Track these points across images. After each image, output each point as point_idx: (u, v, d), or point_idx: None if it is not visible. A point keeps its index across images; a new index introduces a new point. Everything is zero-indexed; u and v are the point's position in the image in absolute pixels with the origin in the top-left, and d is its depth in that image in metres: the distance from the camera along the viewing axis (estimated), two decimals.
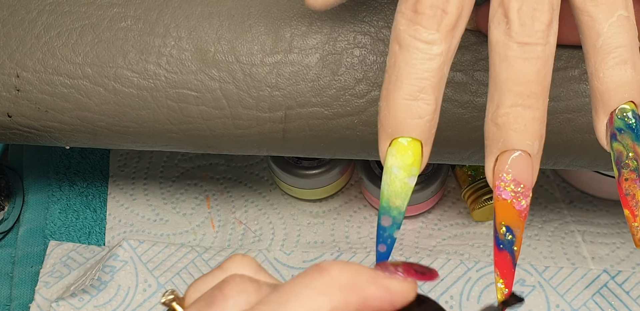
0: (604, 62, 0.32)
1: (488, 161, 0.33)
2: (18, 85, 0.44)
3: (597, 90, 0.33)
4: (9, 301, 0.59)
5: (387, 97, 0.32)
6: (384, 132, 0.33)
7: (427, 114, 0.32)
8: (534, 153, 0.32)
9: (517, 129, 0.32)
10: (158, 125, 0.44)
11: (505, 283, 0.33)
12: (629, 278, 0.55)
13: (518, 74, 0.32)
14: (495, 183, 0.33)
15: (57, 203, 0.61)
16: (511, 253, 0.33)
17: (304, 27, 0.42)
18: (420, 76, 0.32)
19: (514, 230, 0.33)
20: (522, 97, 0.32)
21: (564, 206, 0.59)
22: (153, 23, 0.43)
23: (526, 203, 0.33)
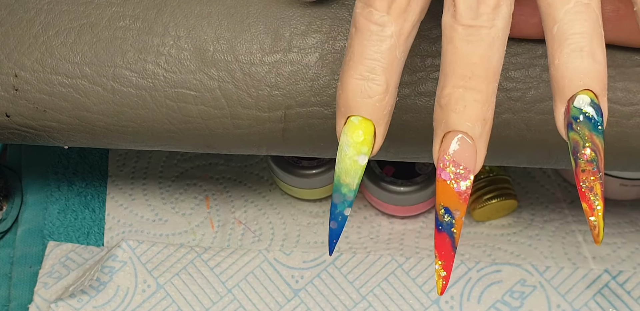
0: (559, 49, 0.32)
1: (435, 142, 0.33)
2: (16, 84, 0.44)
3: (553, 77, 0.33)
4: (7, 302, 0.58)
5: (342, 77, 0.34)
6: (338, 111, 0.34)
7: (377, 94, 0.33)
8: (475, 136, 0.32)
9: (457, 110, 0.32)
10: (157, 125, 0.44)
11: (443, 266, 0.34)
12: (630, 278, 0.55)
13: (461, 56, 0.32)
14: (437, 163, 0.33)
15: (55, 203, 0.61)
16: (450, 235, 0.33)
17: (303, 26, 0.42)
18: (371, 56, 0.33)
19: (453, 212, 0.33)
20: (463, 79, 0.32)
21: (565, 206, 0.59)
22: (152, 22, 0.43)
23: (466, 185, 0.33)
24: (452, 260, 0.34)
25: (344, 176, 0.34)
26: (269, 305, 0.56)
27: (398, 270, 0.56)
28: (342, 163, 0.34)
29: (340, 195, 0.34)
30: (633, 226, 0.58)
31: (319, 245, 0.58)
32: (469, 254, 0.57)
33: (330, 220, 0.35)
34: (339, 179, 0.34)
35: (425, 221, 0.59)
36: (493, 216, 0.58)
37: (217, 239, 0.59)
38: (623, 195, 0.57)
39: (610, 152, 0.43)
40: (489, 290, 0.55)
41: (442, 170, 0.33)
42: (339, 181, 0.34)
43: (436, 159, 0.33)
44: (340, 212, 0.35)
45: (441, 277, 0.34)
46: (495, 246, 0.57)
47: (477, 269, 0.56)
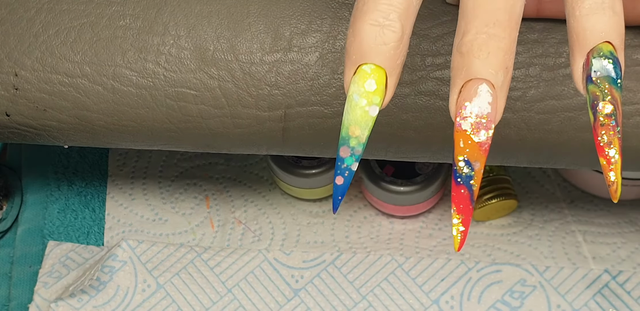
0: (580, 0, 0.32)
1: (452, 92, 0.32)
2: (16, 84, 0.44)
3: (573, 29, 0.32)
4: (7, 301, 0.58)
5: (354, 23, 0.32)
6: (349, 60, 0.33)
7: (392, 41, 0.32)
8: (498, 84, 0.31)
9: (480, 57, 0.31)
10: (157, 124, 0.44)
11: (462, 220, 0.32)
12: (630, 278, 0.55)
13: (485, 2, 0.31)
14: (456, 113, 0.32)
15: (55, 202, 0.61)
16: (469, 188, 0.32)
17: (303, 26, 0.42)
18: (387, 1, 0.32)
19: (473, 164, 0.32)
20: (487, 25, 0.31)
21: (564, 206, 0.59)
22: (152, 21, 0.43)
23: (486, 136, 0.31)
24: (471, 214, 0.32)
25: (354, 127, 0.32)
26: (269, 305, 0.56)
27: (398, 270, 0.56)
28: (351, 113, 0.32)
29: (348, 148, 0.33)
30: (633, 226, 0.58)
31: (319, 245, 0.58)
32: (469, 254, 0.57)
33: (336, 176, 0.33)
34: (347, 131, 0.33)
35: (425, 221, 0.59)
36: (493, 216, 0.58)
37: (217, 239, 0.59)
38: (623, 195, 0.57)
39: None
40: (489, 289, 0.55)
41: (462, 120, 0.31)
42: (347, 133, 0.33)
43: (454, 109, 0.32)
44: (347, 167, 0.33)
45: (460, 232, 0.32)
46: (495, 246, 0.57)
47: (477, 269, 0.56)
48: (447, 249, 0.57)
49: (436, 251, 0.57)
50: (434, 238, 0.58)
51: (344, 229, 0.59)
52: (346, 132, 0.33)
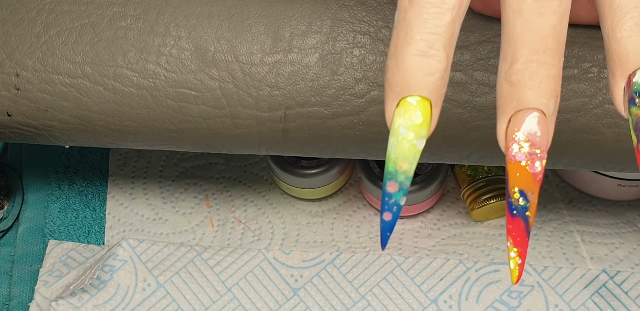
0: (621, 22, 0.31)
1: (500, 122, 0.31)
2: (18, 84, 0.44)
3: (614, 52, 0.31)
4: (8, 300, 0.59)
5: (396, 54, 0.31)
6: (392, 92, 0.31)
7: (438, 71, 0.31)
8: (549, 113, 0.31)
9: (533, 87, 0.30)
10: (158, 124, 0.44)
11: (518, 253, 0.31)
12: (627, 278, 0.55)
13: (533, 29, 0.30)
14: (508, 144, 0.31)
15: (56, 201, 0.61)
16: (525, 220, 0.31)
17: (303, 27, 0.43)
18: (432, 31, 0.30)
19: (528, 195, 0.31)
20: (537, 53, 0.30)
21: (562, 206, 0.59)
22: (153, 22, 0.43)
23: (541, 166, 0.31)
24: (527, 246, 0.31)
25: (402, 162, 0.31)
26: (268, 304, 0.56)
27: (397, 270, 0.56)
28: (399, 147, 0.31)
29: (397, 183, 0.31)
30: (631, 226, 0.58)
31: (318, 244, 0.58)
32: (467, 254, 0.57)
33: (383, 212, 0.32)
34: (394, 166, 0.31)
35: (423, 220, 0.59)
36: (492, 216, 0.58)
37: (217, 238, 0.59)
38: (621, 196, 0.58)
39: (609, 154, 0.43)
40: (487, 289, 0.55)
41: (515, 151, 0.31)
42: (395, 168, 0.31)
43: (504, 139, 0.31)
44: (395, 202, 0.32)
45: (517, 265, 0.31)
46: (493, 246, 0.57)
47: (475, 268, 0.56)
48: (446, 249, 0.57)
49: (435, 250, 0.57)
50: (432, 238, 0.58)
51: (343, 229, 0.59)
52: (393, 167, 0.31)
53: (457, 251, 0.57)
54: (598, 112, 0.41)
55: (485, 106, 0.42)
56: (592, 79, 0.41)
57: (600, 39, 0.41)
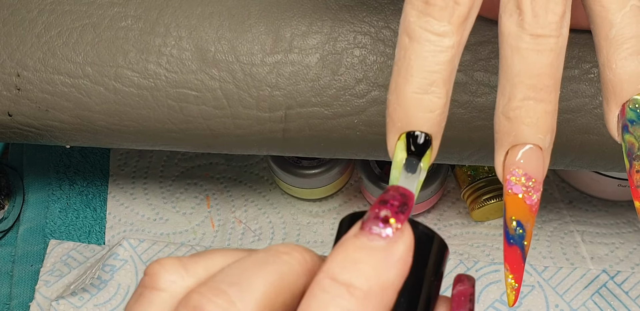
0: (616, 52, 0.32)
1: (498, 154, 0.32)
2: (18, 84, 0.44)
3: (609, 81, 0.32)
4: (8, 300, 0.59)
5: (397, 90, 0.32)
6: (394, 127, 0.32)
7: (438, 107, 0.31)
8: (545, 147, 0.32)
9: (530, 123, 0.31)
10: (158, 124, 0.44)
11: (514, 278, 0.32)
12: (628, 278, 0.55)
13: (531, 67, 0.31)
14: (506, 177, 0.32)
15: (57, 201, 0.61)
16: (521, 248, 0.32)
17: (304, 27, 0.43)
18: (432, 69, 0.31)
19: (525, 225, 0.32)
20: (534, 91, 0.31)
21: (563, 206, 0.59)
22: (153, 22, 0.43)
23: (537, 198, 0.32)
24: (522, 271, 0.33)
25: None
26: None
27: None
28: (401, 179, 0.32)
29: None
30: (631, 226, 0.58)
31: (319, 244, 0.58)
32: (467, 254, 0.57)
33: None
34: None
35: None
36: (492, 216, 0.58)
37: (217, 238, 0.59)
38: (621, 196, 0.58)
39: (610, 154, 0.43)
40: (488, 289, 0.55)
41: (513, 184, 0.32)
42: None
43: (502, 172, 0.32)
44: None
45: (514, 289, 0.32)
46: (494, 246, 0.57)
47: (475, 268, 0.56)
48: None
49: None
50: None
51: None
52: None
53: (457, 251, 0.57)
54: (598, 113, 0.41)
55: (486, 106, 0.42)
56: (593, 79, 0.41)
57: None
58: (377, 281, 0.26)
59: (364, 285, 0.26)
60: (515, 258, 0.32)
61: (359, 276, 0.26)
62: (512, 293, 0.32)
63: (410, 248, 0.27)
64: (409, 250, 0.27)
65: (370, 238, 0.27)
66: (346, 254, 0.26)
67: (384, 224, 0.27)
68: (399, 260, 0.27)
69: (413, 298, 0.27)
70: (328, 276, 0.26)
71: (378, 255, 0.26)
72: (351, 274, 0.26)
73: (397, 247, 0.27)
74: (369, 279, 0.26)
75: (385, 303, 0.26)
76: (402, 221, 0.27)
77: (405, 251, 0.27)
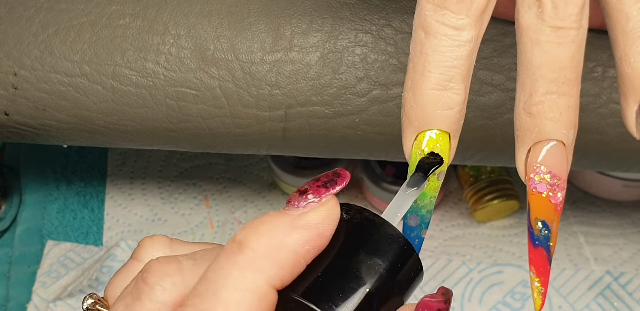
0: (634, 46, 0.30)
1: (519, 153, 0.31)
2: (15, 83, 0.44)
3: (626, 76, 0.31)
4: (5, 301, 0.58)
5: (414, 87, 0.31)
6: (411, 125, 0.31)
7: (457, 104, 0.30)
8: (568, 143, 0.31)
9: (553, 118, 0.30)
10: (157, 124, 0.44)
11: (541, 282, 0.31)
12: (632, 280, 0.55)
13: (552, 60, 0.30)
14: (529, 175, 0.31)
15: (54, 202, 0.61)
16: (547, 249, 0.31)
17: (304, 25, 0.42)
18: (450, 64, 0.30)
19: (550, 225, 0.31)
20: (556, 84, 0.30)
21: (566, 207, 0.58)
22: (152, 21, 0.43)
23: (562, 196, 0.31)
24: (549, 274, 0.31)
25: (422, 196, 0.31)
26: None
27: None
28: None
29: (418, 217, 0.32)
30: (635, 227, 0.57)
31: None
32: (470, 255, 0.57)
33: None
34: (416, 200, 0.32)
35: None
36: (494, 217, 0.58)
37: (216, 239, 0.59)
38: (625, 196, 0.57)
39: (614, 154, 0.43)
40: (491, 290, 0.55)
41: (537, 183, 0.31)
42: (417, 203, 0.31)
43: (524, 170, 0.31)
44: (417, 235, 0.32)
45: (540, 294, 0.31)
46: (496, 247, 0.57)
47: (478, 270, 0.55)
48: (448, 250, 0.57)
49: (437, 252, 0.57)
50: (435, 239, 0.58)
51: None
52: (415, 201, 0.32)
53: (459, 252, 0.57)
54: (603, 112, 0.41)
55: (488, 106, 0.41)
56: (597, 78, 0.41)
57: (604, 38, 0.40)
58: (269, 241, 0.27)
59: (253, 242, 0.26)
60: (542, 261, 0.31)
61: (251, 234, 0.27)
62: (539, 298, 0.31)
63: (325, 219, 0.27)
64: (321, 221, 0.27)
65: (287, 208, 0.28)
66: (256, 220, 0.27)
67: (302, 196, 0.28)
68: (303, 226, 0.27)
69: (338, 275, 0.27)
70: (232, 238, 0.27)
71: (280, 219, 0.27)
72: (246, 233, 0.27)
73: (306, 215, 0.27)
74: (259, 238, 0.27)
75: (279, 262, 0.26)
76: (321, 194, 0.28)
77: (315, 220, 0.27)
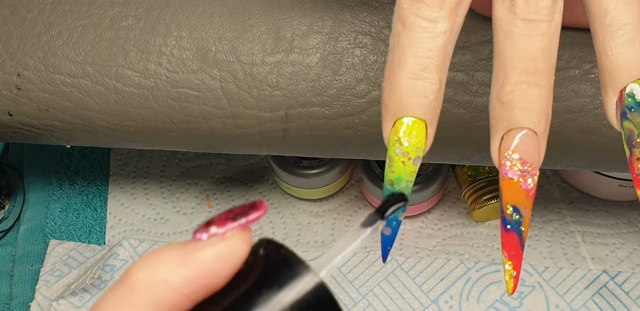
0: (612, 39, 0.32)
1: (493, 140, 0.32)
2: (19, 84, 0.44)
3: (605, 68, 0.32)
4: (9, 300, 0.59)
5: (390, 77, 0.32)
6: (387, 113, 0.32)
7: (431, 93, 0.32)
8: (540, 132, 0.32)
9: (523, 107, 0.31)
10: (159, 124, 0.44)
11: (513, 265, 0.33)
12: (628, 279, 0.55)
13: (523, 51, 0.31)
14: (501, 162, 0.32)
15: (57, 201, 0.61)
16: (519, 234, 0.32)
17: (304, 27, 0.42)
18: (424, 54, 0.31)
19: (521, 210, 0.32)
20: (527, 75, 0.31)
21: (563, 207, 0.59)
22: (154, 22, 0.43)
23: (533, 182, 0.32)
24: (521, 258, 0.33)
25: (398, 180, 0.33)
26: None
27: (397, 270, 0.56)
28: (395, 166, 0.33)
29: None
30: (632, 226, 0.58)
31: (319, 244, 0.58)
32: (468, 254, 0.57)
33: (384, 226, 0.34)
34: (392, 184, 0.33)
35: (424, 221, 0.59)
36: (492, 217, 0.58)
37: None
38: (622, 196, 0.58)
39: (611, 154, 0.43)
40: (488, 289, 0.55)
41: (507, 169, 0.32)
42: (392, 186, 0.33)
43: (497, 157, 0.32)
44: (394, 217, 0.34)
45: (512, 277, 0.33)
46: (494, 246, 0.57)
47: (476, 269, 0.56)
48: (447, 249, 0.57)
49: (435, 251, 0.57)
50: (433, 238, 0.58)
51: (344, 229, 0.59)
52: (391, 185, 0.33)
53: (458, 251, 0.57)
54: (599, 113, 0.41)
55: (487, 106, 0.42)
56: (594, 79, 0.41)
57: None
58: (151, 276, 0.25)
59: (135, 275, 0.25)
60: (513, 245, 0.32)
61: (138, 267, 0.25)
62: (511, 281, 0.33)
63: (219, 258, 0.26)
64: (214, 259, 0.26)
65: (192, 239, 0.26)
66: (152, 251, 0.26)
67: (205, 228, 0.26)
68: (192, 263, 0.25)
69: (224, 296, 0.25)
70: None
71: (172, 252, 0.26)
72: (135, 264, 0.25)
73: (199, 251, 0.26)
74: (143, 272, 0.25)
75: (156, 301, 0.25)
76: (225, 227, 0.26)
77: (206, 257, 0.25)
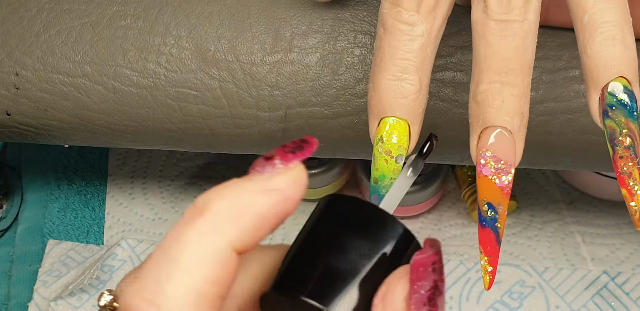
0: (591, 38, 0.32)
1: (472, 139, 0.33)
2: (17, 83, 0.44)
3: (586, 66, 0.32)
4: (6, 300, 0.58)
5: (373, 78, 0.33)
6: (372, 113, 0.34)
7: (411, 93, 0.33)
8: (514, 130, 0.32)
9: (495, 106, 0.32)
10: (157, 124, 0.44)
11: (489, 261, 0.33)
12: (628, 279, 0.55)
13: (496, 52, 0.32)
14: (477, 159, 0.33)
15: (55, 201, 0.61)
16: (494, 230, 0.33)
17: (304, 27, 0.42)
18: (402, 56, 0.33)
19: (496, 207, 0.33)
20: (499, 74, 0.32)
21: (564, 207, 0.59)
22: (153, 22, 0.43)
23: (507, 180, 0.33)
24: (498, 254, 0.33)
25: (382, 177, 0.34)
26: None
27: None
28: (378, 164, 0.34)
29: (379, 197, 0.34)
30: (632, 227, 0.58)
31: None
32: (467, 254, 0.57)
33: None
34: (376, 182, 0.34)
35: (424, 221, 0.59)
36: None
37: None
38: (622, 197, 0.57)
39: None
40: (489, 290, 0.55)
41: (482, 166, 0.33)
42: (377, 183, 0.34)
43: (475, 155, 0.33)
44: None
45: (488, 272, 0.34)
46: None
47: (476, 269, 0.56)
48: (446, 250, 0.57)
49: None
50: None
51: None
52: (375, 182, 0.34)
53: (457, 252, 0.57)
54: None
55: None
56: None
57: None
58: (233, 204, 0.26)
59: (215, 206, 0.26)
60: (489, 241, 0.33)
61: (214, 198, 0.26)
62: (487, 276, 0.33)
63: (292, 183, 0.27)
64: (288, 184, 0.27)
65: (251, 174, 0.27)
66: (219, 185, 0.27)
67: (267, 162, 0.27)
68: (270, 190, 0.27)
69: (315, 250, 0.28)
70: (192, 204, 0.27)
71: (246, 183, 0.26)
72: (207, 197, 0.26)
73: (273, 179, 0.27)
74: (222, 201, 0.26)
75: (242, 225, 0.26)
76: (288, 160, 0.27)
77: (282, 183, 0.27)
